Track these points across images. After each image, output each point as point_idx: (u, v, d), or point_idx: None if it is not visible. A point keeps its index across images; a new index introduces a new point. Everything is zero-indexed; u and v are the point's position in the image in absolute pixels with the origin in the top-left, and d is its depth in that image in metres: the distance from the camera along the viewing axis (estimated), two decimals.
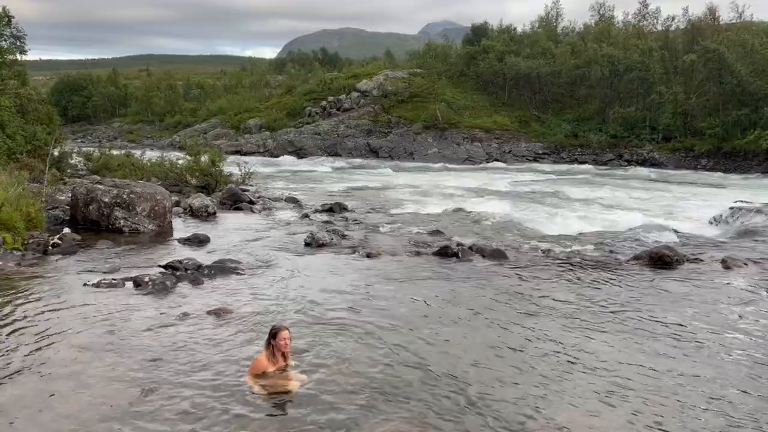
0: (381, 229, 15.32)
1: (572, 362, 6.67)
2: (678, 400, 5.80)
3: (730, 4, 70.09)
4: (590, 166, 44.33)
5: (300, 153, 52.98)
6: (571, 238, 14.91)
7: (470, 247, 12.55)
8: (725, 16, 57.37)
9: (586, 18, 66.45)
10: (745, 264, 11.25)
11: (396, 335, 7.40)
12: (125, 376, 6.06)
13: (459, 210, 19.57)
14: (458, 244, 12.66)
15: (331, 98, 61.84)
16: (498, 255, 12.16)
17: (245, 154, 51.15)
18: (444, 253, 12.18)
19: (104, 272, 10.08)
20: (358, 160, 48.56)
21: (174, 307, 8.38)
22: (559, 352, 6.95)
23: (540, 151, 50.39)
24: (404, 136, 54.46)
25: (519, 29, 69.78)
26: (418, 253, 12.32)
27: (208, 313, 8.08)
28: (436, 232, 14.87)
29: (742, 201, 20.02)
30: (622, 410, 5.57)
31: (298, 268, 10.91)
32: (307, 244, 12.78)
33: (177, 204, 17.24)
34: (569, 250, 13.00)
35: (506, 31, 69.03)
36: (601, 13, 65.05)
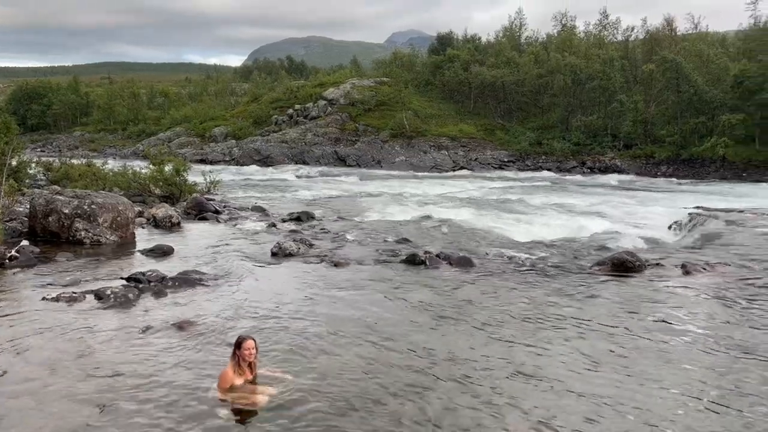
0: (349, 237, 15.28)
1: (536, 369, 6.75)
2: (637, 406, 5.91)
3: (686, 15, 72.57)
4: (554, 174, 45.07)
5: (267, 161, 52.62)
6: (535, 244, 15.10)
7: (437, 255, 12.61)
8: (682, 27, 59.29)
9: (548, 28, 68.04)
10: (704, 269, 11.56)
11: (363, 345, 7.38)
12: (84, 392, 5.90)
13: (426, 218, 19.67)
14: (425, 252, 12.71)
15: (297, 106, 61.65)
16: (464, 262, 12.25)
17: (211, 162, 50.59)
18: (411, 261, 12.21)
19: (64, 285, 9.82)
20: (325, 169, 48.44)
21: (137, 320, 8.22)
22: (524, 359, 7.02)
23: (505, 159, 51.05)
24: (372, 144, 54.58)
25: (483, 39, 70.83)
26: (385, 262, 12.33)
27: (172, 325, 7.94)
28: (404, 240, 14.91)
29: (700, 207, 20.58)
30: (580, 417, 5.65)
31: (265, 278, 10.81)
32: (273, 254, 12.68)
33: (140, 214, 16.92)
34: (534, 256, 13.17)
35: (471, 41, 69.95)
36: (563, 23, 66.44)
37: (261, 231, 16.09)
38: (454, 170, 48.77)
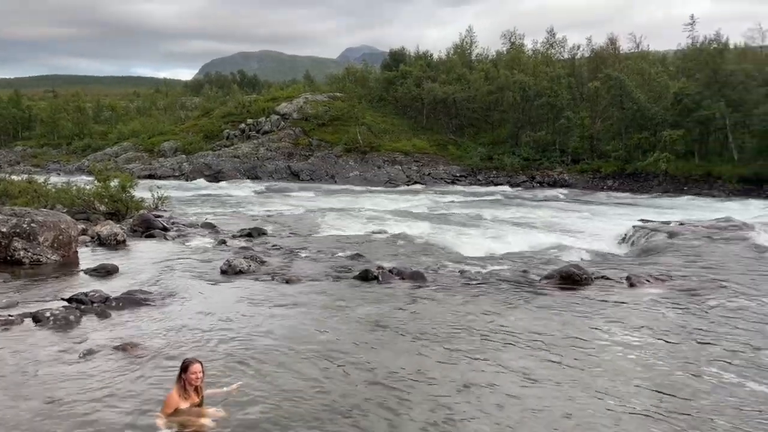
0: (301, 253, 15.14)
1: (485, 382, 6.78)
2: (585, 419, 6.00)
3: (629, 35, 75.28)
4: (505, 188, 45.86)
5: (218, 176, 51.83)
6: (486, 258, 15.30)
7: (390, 271, 12.61)
8: (625, 46, 61.47)
9: (498, 46, 69.18)
10: (648, 281, 11.91)
11: (315, 363, 7.28)
12: (20, 421, 5.61)
13: (380, 233, 19.69)
14: (379, 268, 12.69)
15: (250, 121, 61.07)
16: (417, 277, 12.29)
17: (160, 178, 49.47)
18: (364, 277, 12.17)
19: (0, 308, 9.37)
20: (278, 184, 48.03)
21: (78, 343, 7.90)
22: (474, 373, 7.05)
23: (457, 174, 51.72)
24: (325, 159, 54.47)
25: (435, 56, 71.79)
26: (338, 278, 12.26)
27: (115, 348, 7.66)
28: (357, 256, 14.86)
29: (644, 220, 21.27)
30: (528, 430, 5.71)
31: (214, 297, 10.58)
32: (223, 272, 12.43)
33: (84, 232, 16.37)
34: (485, 270, 13.31)
35: (423, 58, 70.81)
36: (512, 41, 68.02)
37: (210, 248, 15.78)
38: (407, 185, 49.10)
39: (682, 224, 19.03)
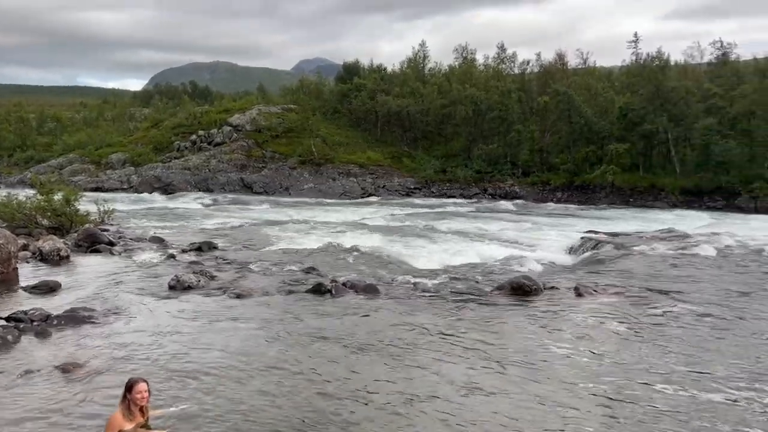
0: (253, 267, 14.91)
1: (436, 392, 6.81)
2: (523, 427, 6.09)
3: (576, 51, 77.32)
4: (458, 200, 46.39)
5: (168, 189, 50.70)
6: (440, 270, 15.40)
7: (344, 284, 12.56)
8: (572, 61, 63.21)
9: (450, 60, 70.06)
10: (594, 291, 12.21)
11: (267, 379, 7.17)
12: None
13: (334, 245, 19.58)
14: (332, 281, 12.63)
15: (201, 132, 60.07)
16: (371, 290, 12.28)
17: (107, 190, 48.07)
18: (318, 290, 12.09)
19: None
20: (231, 196, 47.29)
21: (15, 363, 7.57)
22: (425, 384, 7.07)
23: (412, 186, 52.05)
24: (279, 171, 54.00)
25: (389, 69, 72.25)
26: (290, 292, 12.13)
27: (56, 368, 7.37)
28: (311, 269, 14.74)
29: (591, 231, 21.84)
30: None
31: (161, 313, 10.31)
32: (171, 287, 12.13)
33: (25, 248, 15.73)
34: (438, 282, 13.40)
35: (377, 71, 71.20)
36: (464, 55, 69.11)
37: (158, 263, 15.38)
38: (362, 197, 49.11)
39: (627, 235, 19.62)
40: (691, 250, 16.84)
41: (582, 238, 19.17)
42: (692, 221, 29.30)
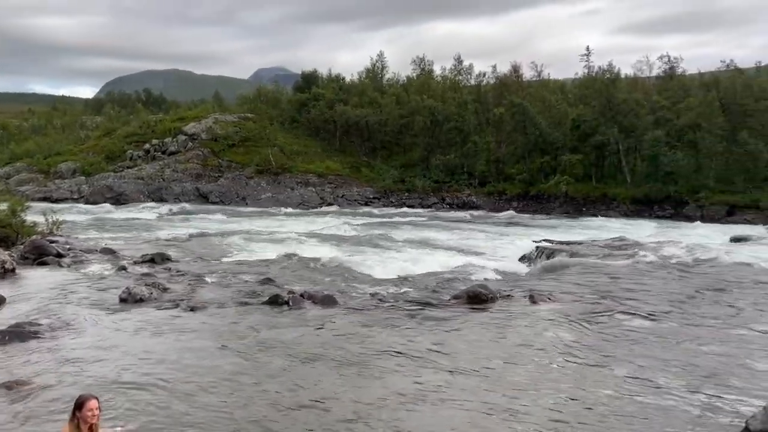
0: (208, 279, 14.66)
1: (395, 402, 6.81)
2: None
3: (531, 63, 79.23)
4: (417, 210, 46.70)
5: (120, 199, 49.45)
6: (398, 280, 15.44)
7: (301, 295, 12.45)
8: (527, 74, 64.59)
9: (408, 71, 70.63)
10: (548, 298, 12.44)
11: (221, 393, 7.04)
12: None
13: (292, 256, 19.41)
14: (289, 292, 12.51)
15: (155, 141, 58.90)
16: (329, 301, 12.21)
17: (56, 201, 46.59)
18: (274, 302, 11.95)
19: None
20: (186, 206, 46.42)
21: None
22: (384, 393, 7.06)
23: (371, 196, 52.15)
24: (236, 181, 53.35)
25: (348, 79, 72.39)
26: (246, 304, 11.96)
27: (0, 386, 7.07)
28: (267, 280, 14.57)
29: (546, 240, 22.26)
30: None
31: (111, 327, 10.02)
32: (122, 300, 11.82)
33: None
34: (396, 291, 13.44)
35: (335, 80, 71.24)
36: (422, 67, 69.82)
37: (109, 275, 14.97)
38: (321, 207, 48.93)
39: (580, 243, 20.08)
40: (640, 258, 17.34)
41: (536, 246, 19.53)
42: (642, 229, 30.21)
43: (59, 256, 17.16)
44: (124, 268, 15.79)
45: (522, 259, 19.05)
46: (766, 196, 38.08)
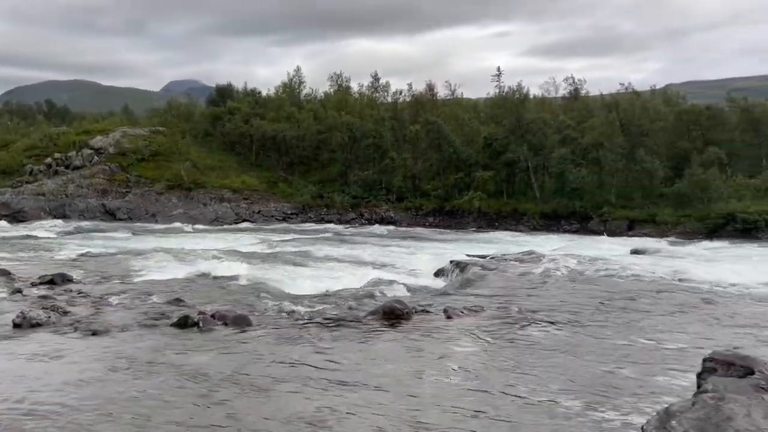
0: (112, 301, 13.89)
1: (309, 422, 6.67)
2: None
3: (445, 82, 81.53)
4: (335, 225, 46.62)
5: (18, 216, 46.36)
6: (315, 297, 15.27)
7: (212, 315, 12.02)
8: (441, 92, 66.40)
9: (326, 87, 70.81)
10: (463, 312, 12.68)
11: (124, 421, 6.64)
12: None
13: (204, 274, 18.80)
14: (200, 313, 12.05)
15: (58, 155, 55.72)
16: (242, 321, 11.86)
17: None
18: (183, 323, 11.48)
19: None
20: (91, 223, 44.11)
21: None
22: (296, 414, 6.91)
23: (288, 212, 51.59)
24: (145, 197, 51.31)
25: (264, 93, 71.60)
26: (153, 326, 11.41)
27: None
28: (177, 301, 13.99)
29: (461, 254, 22.79)
30: None
31: (3, 355, 9.27)
32: (16, 326, 10.97)
33: None
34: (313, 309, 13.26)
35: (251, 94, 70.29)
36: (339, 83, 70.19)
37: (2, 299, 13.88)
38: (236, 223, 47.86)
39: (493, 257, 20.69)
40: (549, 270, 18.09)
41: (451, 261, 19.93)
42: (551, 243, 31.59)
43: None
44: (19, 291, 14.71)
45: (438, 273, 19.37)
46: (661, 211, 40.87)
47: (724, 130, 49.14)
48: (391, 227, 45.31)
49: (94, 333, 10.73)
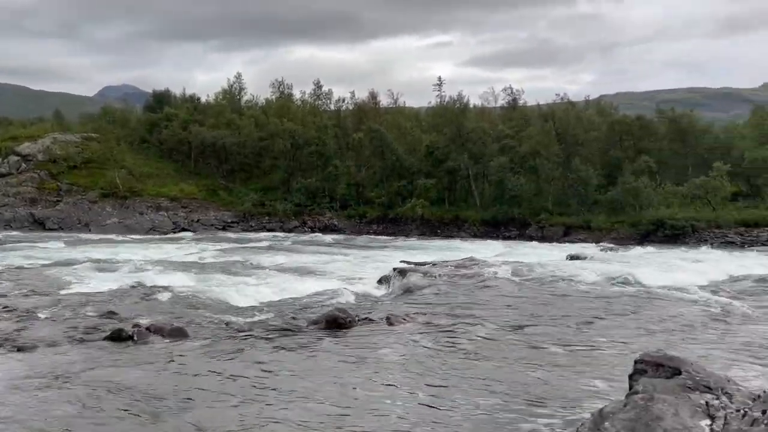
0: (40, 315, 13.23)
1: None
2: None
3: (388, 91, 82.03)
4: (277, 234, 46.04)
5: None
6: (255, 307, 15.02)
7: (148, 328, 11.62)
8: (384, 101, 66.79)
9: (267, 94, 70.02)
10: (404, 319, 12.72)
11: None
12: None
13: (140, 285, 18.20)
14: (134, 326, 11.64)
15: None
16: (178, 333, 11.52)
17: None
18: (117, 337, 11.05)
19: None
20: (18, 234, 41.98)
21: None
22: (238, 428, 6.75)
23: (229, 220, 50.62)
24: (78, 206, 49.31)
25: (203, 99, 70.20)
26: (84, 341, 10.93)
27: None
28: (110, 314, 13.44)
29: (403, 261, 22.87)
30: None
31: None
32: None
33: None
34: (253, 320, 13.03)
35: (190, 100, 68.80)
36: (281, 90, 69.59)
37: None
38: (174, 232, 46.61)
39: (434, 264, 20.86)
40: (488, 276, 18.40)
41: (394, 268, 19.97)
42: (491, 249, 32.18)
43: None
44: None
45: (380, 281, 19.37)
46: (596, 217, 42.32)
47: (654, 139, 51.40)
48: (335, 235, 45.13)
49: (20, 349, 10.18)
